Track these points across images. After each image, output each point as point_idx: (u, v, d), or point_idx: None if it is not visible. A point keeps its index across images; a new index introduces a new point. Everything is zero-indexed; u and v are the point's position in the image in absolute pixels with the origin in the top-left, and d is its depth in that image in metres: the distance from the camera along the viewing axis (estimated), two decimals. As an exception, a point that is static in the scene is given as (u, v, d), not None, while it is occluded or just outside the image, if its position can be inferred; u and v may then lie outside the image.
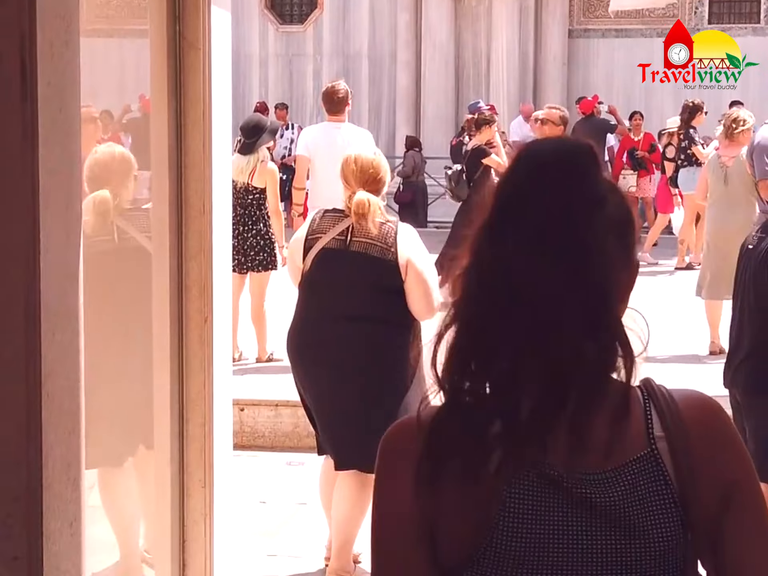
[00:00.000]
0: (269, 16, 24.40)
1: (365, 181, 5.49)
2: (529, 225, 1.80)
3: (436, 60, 22.55)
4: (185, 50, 4.42)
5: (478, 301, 1.82)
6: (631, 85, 23.22)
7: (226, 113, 4.68)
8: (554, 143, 1.99)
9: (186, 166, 4.47)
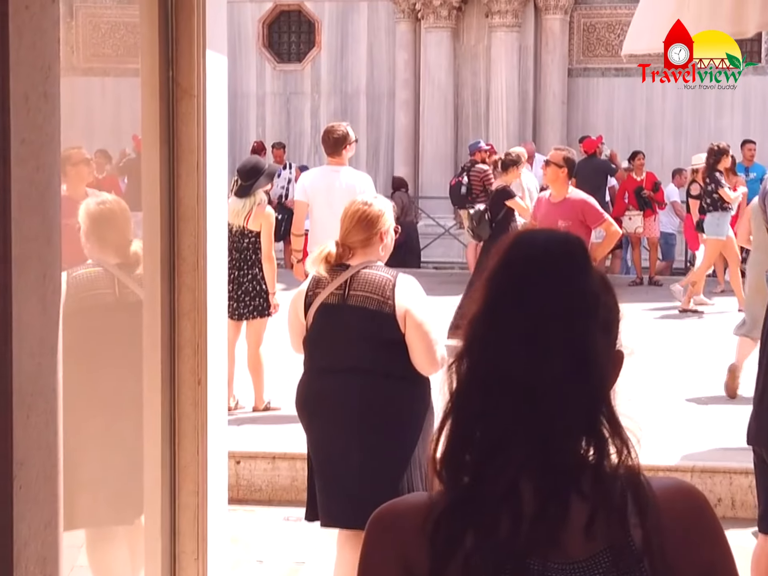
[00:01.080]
0: (266, 54, 24.28)
1: (350, 229, 5.26)
2: (522, 323, 1.83)
3: (435, 99, 22.39)
4: (179, 97, 4.18)
5: (472, 395, 1.86)
6: (631, 125, 23.11)
7: (221, 164, 4.44)
8: (545, 236, 1.97)
9: (179, 219, 4.23)
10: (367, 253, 5.22)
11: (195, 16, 4.14)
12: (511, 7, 21.91)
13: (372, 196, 5.60)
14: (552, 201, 9.92)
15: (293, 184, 18.34)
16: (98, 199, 5.15)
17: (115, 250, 4.88)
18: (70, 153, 7.26)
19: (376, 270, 5.17)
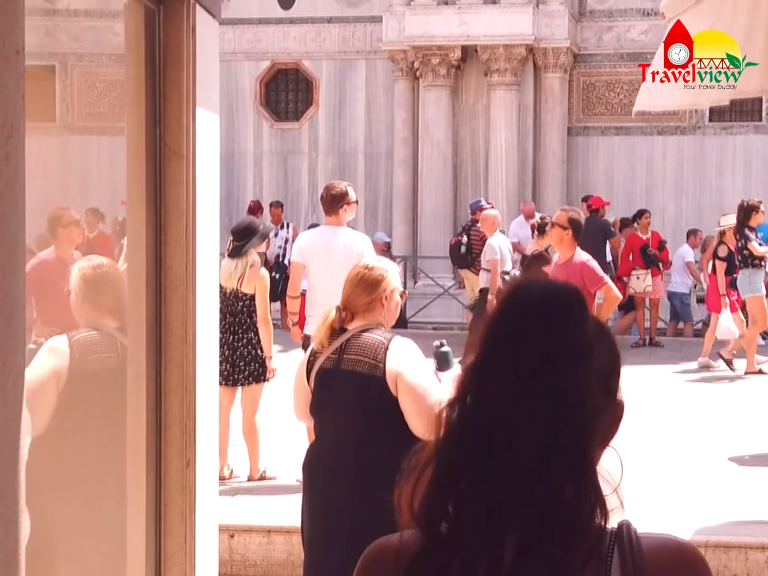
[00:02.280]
0: (264, 112, 24.14)
1: (350, 294, 5.09)
2: (513, 371, 1.85)
3: (434, 157, 22.20)
4: (167, 157, 3.90)
5: (457, 442, 1.88)
6: (632, 183, 22.94)
7: (213, 228, 4.15)
8: (542, 287, 1.99)
9: (166, 288, 3.93)
10: (368, 318, 5.06)
11: (184, 73, 3.86)
12: (510, 65, 21.78)
13: (375, 259, 5.43)
14: (558, 263, 9.65)
15: (291, 244, 18.11)
16: (93, 262, 4.86)
17: (111, 314, 4.58)
18: (60, 214, 7.00)
19: (372, 333, 4.99)
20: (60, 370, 4.24)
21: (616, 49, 22.89)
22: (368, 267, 5.13)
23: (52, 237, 7.17)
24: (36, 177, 4.69)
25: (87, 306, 4.56)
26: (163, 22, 3.85)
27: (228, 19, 23.20)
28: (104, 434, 4.42)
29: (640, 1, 22.70)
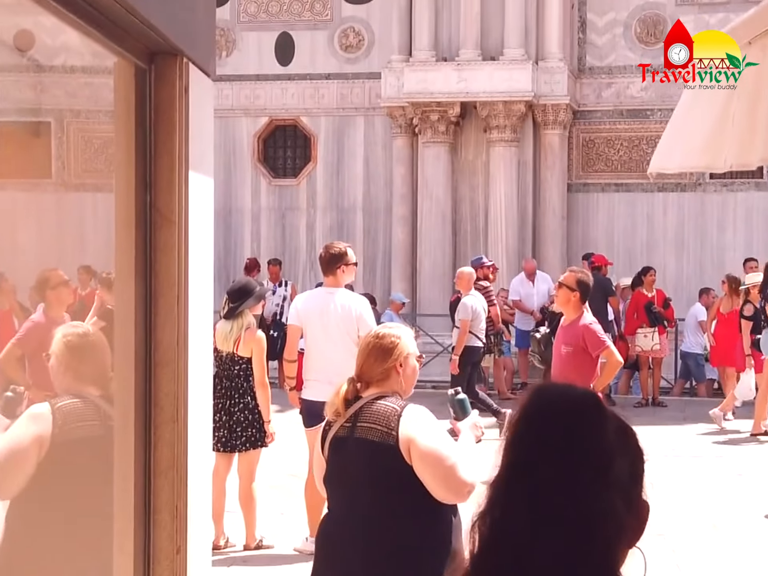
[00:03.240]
0: (262, 169, 24.01)
1: (363, 364, 4.96)
2: (534, 493, 1.89)
3: (433, 214, 22.03)
4: (157, 224, 3.67)
5: (487, 561, 1.91)
6: (632, 240, 22.77)
7: (205, 299, 3.91)
8: (561, 394, 2.01)
9: (156, 364, 3.69)
10: (384, 386, 4.93)
11: (177, 134, 3.64)
12: (510, 122, 21.67)
13: (387, 326, 5.25)
14: (563, 325, 9.41)
15: (289, 302, 17.91)
16: (78, 329, 4.64)
17: (94, 382, 4.35)
18: (47, 276, 6.80)
19: (386, 401, 4.84)
20: (42, 437, 4.03)
21: (615, 106, 22.81)
22: (379, 335, 5.01)
23: (41, 299, 6.98)
24: (31, 233, 4.47)
25: (70, 373, 4.35)
26: (155, 82, 3.63)
27: (226, 76, 23.18)
28: (89, 509, 4.17)
29: (640, 58, 22.63)
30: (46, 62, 4.38)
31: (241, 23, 23.99)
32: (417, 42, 22.11)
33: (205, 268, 3.92)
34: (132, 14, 3.23)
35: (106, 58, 3.71)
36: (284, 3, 23.88)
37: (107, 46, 3.41)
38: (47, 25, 3.41)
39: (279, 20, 23.88)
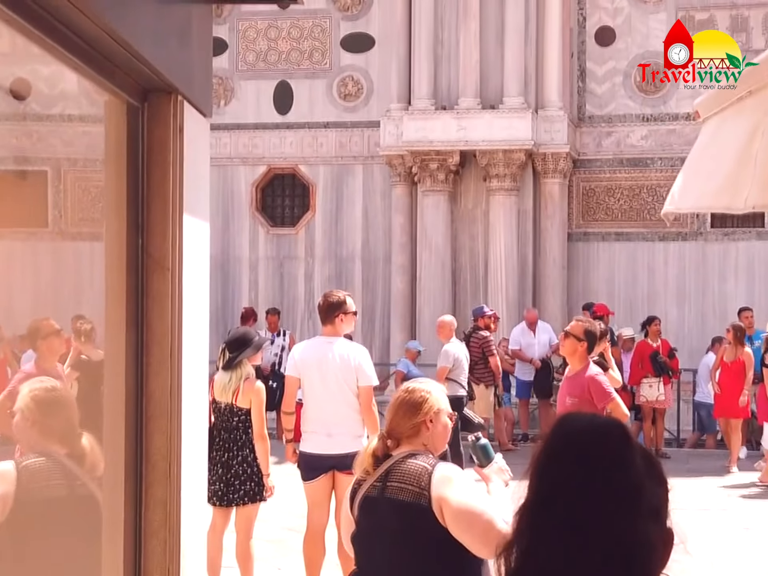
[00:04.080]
0: (260, 218, 23.87)
1: (392, 419, 4.83)
2: (564, 522, 1.87)
3: (432, 263, 21.86)
4: (150, 270, 3.49)
5: None
6: (633, 289, 22.61)
7: (200, 349, 3.71)
8: (586, 425, 2.00)
9: (148, 417, 3.49)
10: (414, 443, 4.82)
11: (170, 176, 3.47)
12: (510, 170, 21.56)
13: (417, 381, 5.12)
14: (567, 375, 9.21)
15: (287, 351, 17.71)
16: (46, 384, 4.44)
17: (61, 440, 4.15)
18: (38, 326, 6.60)
19: (416, 459, 4.71)
20: (5, 496, 3.83)
21: (615, 155, 22.71)
22: (408, 390, 4.91)
23: (33, 350, 6.80)
24: (27, 283, 4.28)
25: (36, 430, 4.16)
26: (148, 120, 3.46)
27: (224, 125, 23.10)
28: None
29: (640, 107, 22.58)
30: (43, 111, 4.22)
31: (240, 72, 23.95)
32: (416, 90, 22.03)
33: (200, 317, 3.73)
34: (124, 48, 3.07)
35: (103, 107, 3.55)
36: (283, 52, 23.84)
37: (98, 83, 3.24)
38: (44, 74, 3.26)
39: (277, 69, 23.83)
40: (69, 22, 2.82)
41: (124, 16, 2.98)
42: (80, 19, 2.79)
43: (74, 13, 2.74)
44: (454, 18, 21.85)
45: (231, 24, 23.87)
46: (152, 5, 3.28)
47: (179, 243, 3.48)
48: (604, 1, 22.76)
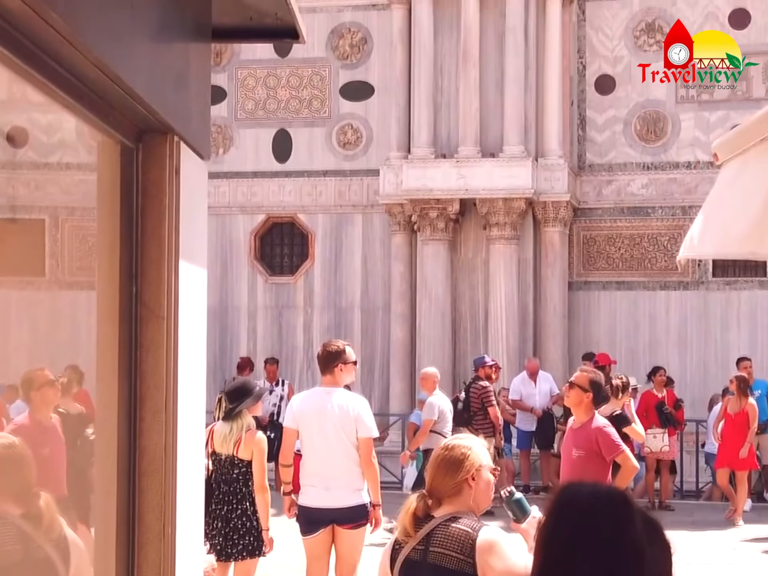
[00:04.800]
0: (258, 267, 23.73)
1: (433, 478, 4.71)
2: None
3: (432, 312, 21.70)
4: (144, 319, 3.31)
5: None
6: (635, 338, 22.44)
7: (197, 402, 3.53)
8: (590, 496, 2.01)
9: (141, 474, 3.30)
10: (456, 503, 4.68)
11: (166, 220, 3.30)
12: (510, 219, 21.45)
13: (458, 437, 5.00)
14: (572, 427, 9.01)
15: (286, 401, 17.51)
16: (4, 441, 4.25)
17: (16, 500, 3.94)
18: (31, 377, 6.41)
19: (459, 523, 4.59)
20: None
21: (616, 203, 22.61)
22: (448, 447, 4.78)
23: (26, 401, 6.64)
24: (24, 332, 4.09)
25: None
26: (142, 162, 3.30)
27: (223, 173, 23.02)
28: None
29: (640, 156, 22.51)
30: (40, 159, 4.07)
31: (239, 120, 23.89)
32: (416, 138, 21.96)
33: (197, 368, 3.55)
34: (118, 85, 2.91)
35: (98, 150, 3.40)
36: (282, 100, 23.79)
37: (90, 122, 3.07)
38: (42, 123, 3.12)
39: (276, 117, 23.77)
40: (59, 57, 2.66)
41: (117, 51, 2.83)
42: (71, 54, 2.63)
43: (64, 46, 2.59)
44: (454, 66, 21.83)
45: (230, 72, 23.85)
46: (148, 42, 3.13)
47: (175, 290, 3.31)
48: (603, 50, 22.75)
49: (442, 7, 21.96)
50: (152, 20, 3.11)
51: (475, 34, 21.52)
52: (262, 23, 3.93)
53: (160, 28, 3.23)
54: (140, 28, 2.98)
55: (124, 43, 2.89)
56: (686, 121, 22.40)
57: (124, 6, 2.86)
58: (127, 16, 2.85)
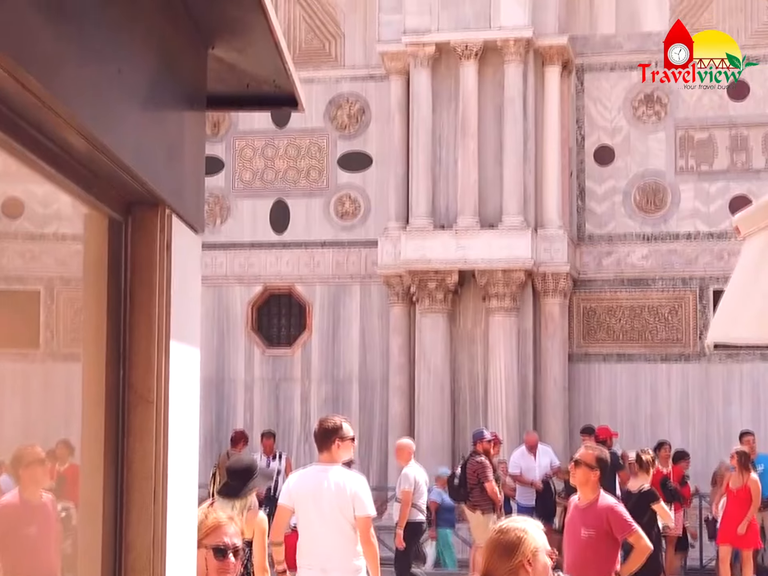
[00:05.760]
0: (255, 338, 23.52)
1: (488, 561, 4.55)
2: None
3: (431, 385, 21.45)
4: (132, 403, 3.09)
5: None
6: (636, 411, 22.18)
7: (189, 494, 3.30)
8: None
9: (127, 572, 3.06)
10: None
11: (156, 296, 3.09)
12: (509, 290, 21.27)
13: (513, 519, 4.79)
14: (579, 505, 8.73)
15: (284, 476, 17.24)
16: None
17: None
18: (21, 454, 6.17)
19: None
20: None
21: (616, 275, 22.47)
22: (502, 530, 4.58)
23: (15, 479, 6.40)
24: (16, 405, 3.85)
25: None
26: (131, 236, 3.09)
27: (220, 244, 22.89)
28: None
29: (640, 226, 22.40)
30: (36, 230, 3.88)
31: (236, 191, 23.80)
32: (414, 209, 21.85)
33: (189, 456, 3.32)
34: (104, 154, 2.70)
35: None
36: (280, 170, 23.71)
37: (75, 194, 2.87)
38: (38, 194, 2.92)
39: (274, 188, 23.68)
40: (37, 123, 2.46)
41: (102, 118, 2.63)
42: (51, 120, 2.43)
43: (43, 112, 2.38)
44: (453, 136, 21.77)
45: (228, 142, 23.80)
46: (137, 110, 2.93)
47: (166, 373, 3.09)
48: (602, 121, 22.71)
49: (441, 78, 21.95)
50: (142, 86, 2.92)
51: (473, 104, 21.49)
52: (259, 91, 3.74)
53: (150, 94, 3.04)
54: (128, 94, 2.79)
55: (110, 109, 2.70)
56: (686, 192, 22.32)
57: (109, 70, 2.66)
58: (114, 81, 2.65)
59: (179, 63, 3.25)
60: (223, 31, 3.29)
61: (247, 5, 2.89)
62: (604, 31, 22.75)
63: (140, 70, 2.85)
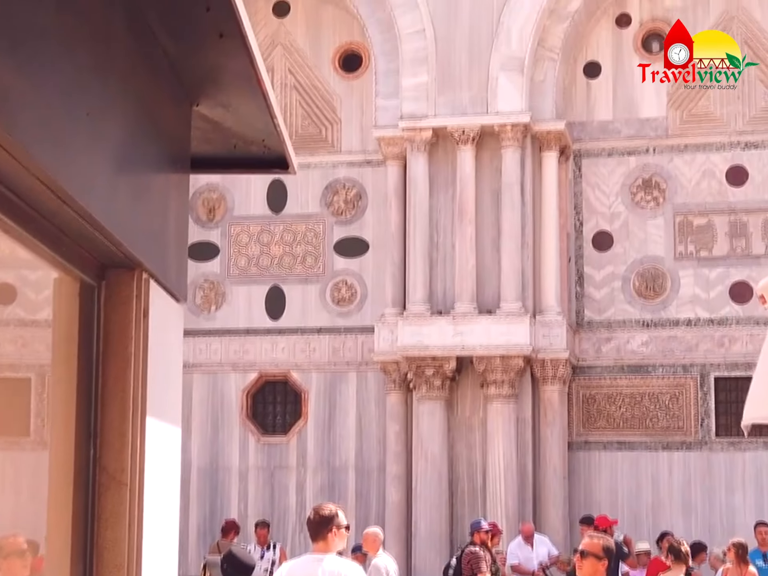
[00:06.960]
0: (250, 425, 23.17)
1: None
2: None
3: (429, 473, 21.09)
4: (103, 486, 2.81)
5: None
6: (637, 500, 21.82)
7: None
8: None
9: None
10: None
11: (131, 371, 2.82)
12: (508, 377, 21.00)
13: None
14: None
15: (278, 566, 16.81)
16: None
17: None
18: (2, 543, 5.87)
19: None
20: None
21: (616, 361, 22.20)
22: None
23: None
24: (7, 494, 3.55)
25: None
26: (105, 302, 2.83)
27: (215, 330, 22.66)
28: None
29: (639, 312, 22.18)
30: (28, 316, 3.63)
31: (231, 276, 23.61)
32: (411, 295, 21.66)
33: (167, 544, 3.03)
34: (75, 211, 2.45)
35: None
36: (275, 257, 23.54)
37: (43, 255, 2.62)
38: (31, 279, 2.68)
39: (270, 274, 23.50)
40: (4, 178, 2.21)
41: (72, 173, 2.38)
42: (15, 171, 2.18)
43: (8, 164, 2.14)
44: (450, 222, 21.65)
45: (223, 229, 23.67)
46: (111, 166, 2.69)
47: (141, 453, 2.82)
48: (600, 206, 22.60)
49: (438, 163, 21.87)
50: (115, 135, 2.68)
51: (470, 189, 21.38)
52: (247, 152, 3.51)
53: (127, 152, 2.80)
54: (99, 141, 2.54)
55: (81, 165, 2.46)
56: (685, 278, 22.13)
57: (80, 122, 2.42)
58: (81, 125, 2.41)
59: (160, 116, 3.02)
60: (206, 81, 3.05)
61: (231, 49, 2.65)
62: (602, 117, 22.72)
63: (113, 117, 2.61)
